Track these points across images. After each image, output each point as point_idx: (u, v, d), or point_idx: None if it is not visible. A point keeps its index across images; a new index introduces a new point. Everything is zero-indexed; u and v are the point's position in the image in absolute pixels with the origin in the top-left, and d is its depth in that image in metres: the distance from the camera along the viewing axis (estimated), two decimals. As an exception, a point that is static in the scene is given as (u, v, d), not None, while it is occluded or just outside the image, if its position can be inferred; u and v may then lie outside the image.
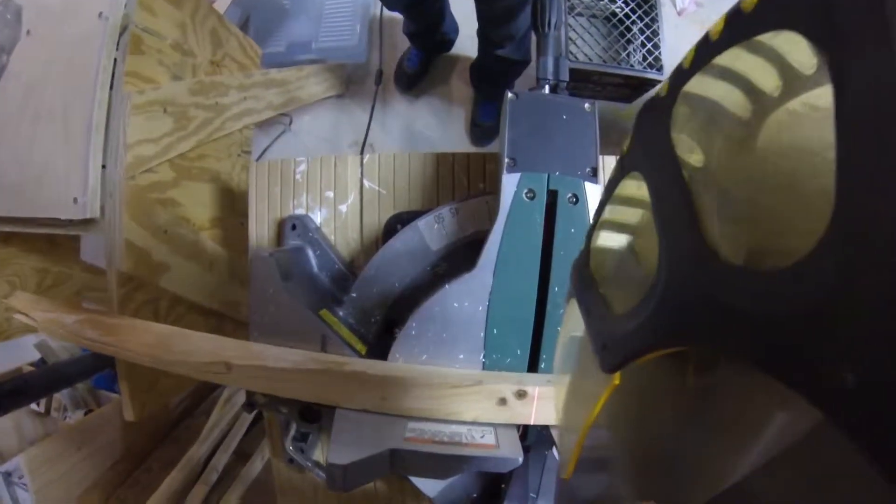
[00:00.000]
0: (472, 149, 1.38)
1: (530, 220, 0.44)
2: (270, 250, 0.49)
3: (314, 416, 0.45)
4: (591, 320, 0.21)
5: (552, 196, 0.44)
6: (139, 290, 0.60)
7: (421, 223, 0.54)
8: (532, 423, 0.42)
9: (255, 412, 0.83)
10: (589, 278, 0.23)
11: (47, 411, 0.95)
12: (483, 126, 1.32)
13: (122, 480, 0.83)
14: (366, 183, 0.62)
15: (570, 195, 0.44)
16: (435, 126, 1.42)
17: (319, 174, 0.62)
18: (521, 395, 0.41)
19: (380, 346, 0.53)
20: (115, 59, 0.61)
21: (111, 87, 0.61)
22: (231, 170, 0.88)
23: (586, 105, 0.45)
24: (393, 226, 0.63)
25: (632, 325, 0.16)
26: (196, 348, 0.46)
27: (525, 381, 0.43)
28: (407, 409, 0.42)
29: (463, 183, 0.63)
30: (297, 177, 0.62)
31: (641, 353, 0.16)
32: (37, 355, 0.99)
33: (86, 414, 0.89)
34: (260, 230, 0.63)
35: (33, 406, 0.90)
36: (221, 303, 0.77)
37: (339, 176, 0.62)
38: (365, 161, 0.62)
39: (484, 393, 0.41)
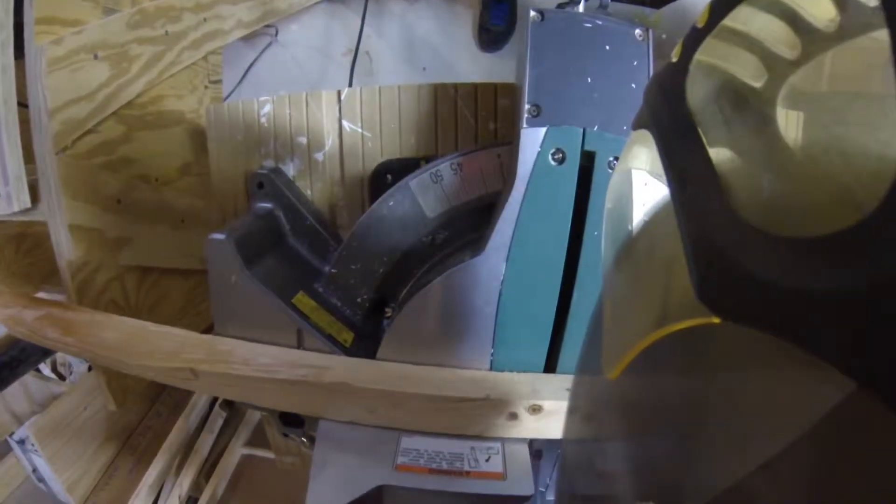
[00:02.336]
0: (478, 63, 1.18)
1: (557, 192, 0.33)
2: (229, 229, 0.40)
3: (297, 421, 0.40)
4: (687, 199, 0.13)
5: (588, 159, 0.32)
6: (98, 272, 0.52)
7: (413, 182, 0.43)
8: (547, 437, 0.36)
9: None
10: (690, 123, 0.14)
11: (54, 369, 0.94)
12: (493, 30, 1.11)
13: (133, 429, 0.84)
14: (345, 124, 0.50)
15: (611, 158, 0.32)
16: (438, 31, 1.21)
17: (288, 116, 0.50)
18: (536, 409, 0.34)
19: (369, 329, 0.46)
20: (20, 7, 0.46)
21: (20, 44, 0.47)
22: (198, 106, 0.75)
23: (637, 32, 0.30)
24: (381, 176, 0.52)
25: (799, 274, 0.09)
26: (158, 349, 0.39)
27: (540, 390, 0.35)
28: (399, 422, 0.36)
29: (468, 122, 0.50)
30: (262, 120, 0.50)
31: (792, 338, 0.09)
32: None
33: (90, 369, 0.88)
34: (225, 189, 0.52)
35: (41, 366, 0.89)
36: (201, 259, 0.69)
37: (312, 117, 0.50)
38: (343, 97, 0.49)
39: (491, 407, 0.34)
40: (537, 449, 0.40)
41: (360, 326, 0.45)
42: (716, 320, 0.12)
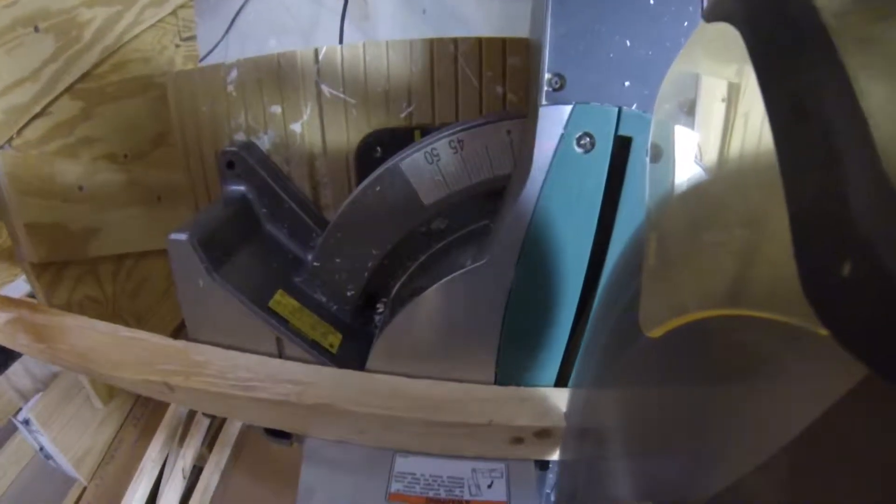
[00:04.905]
0: (484, 5, 1.04)
1: (583, 186, 0.26)
2: (193, 225, 0.34)
3: (284, 434, 0.36)
4: (805, 143, 0.10)
5: (622, 146, 0.25)
6: (67, 269, 0.47)
7: (405, 163, 0.37)
8: (554, 458, 0.32)
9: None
10: (817, 28, 0.10)
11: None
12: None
13: (133, 401, 0.84)
14: (325, 89, 0.43)
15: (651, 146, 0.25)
16: (439, -33, 1.07)
17: (259, 82, 0.42)
18: (543, 434, 0.30)
19: (359, 326, 0.41)
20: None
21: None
22: (169, 68, 0.66)
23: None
24: (370, 149, 0.45)
25: None
26: (129, 358, 0.35)
27: (550, 411, 0.31)
28: (392, 443, 0.32)
29: (472, 84, 0.42)
30: (230, 88, 0.43)
31: None
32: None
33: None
34: (195, 169, 0.46)
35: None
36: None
37: (285, 82, 0.42)
38: (321, 56, 0.41)
39: (494, 431, 0.30)
40: (543, 462, 0.37)
41: (349, 324, 0.41)
42: (822, 332, 0.08)
